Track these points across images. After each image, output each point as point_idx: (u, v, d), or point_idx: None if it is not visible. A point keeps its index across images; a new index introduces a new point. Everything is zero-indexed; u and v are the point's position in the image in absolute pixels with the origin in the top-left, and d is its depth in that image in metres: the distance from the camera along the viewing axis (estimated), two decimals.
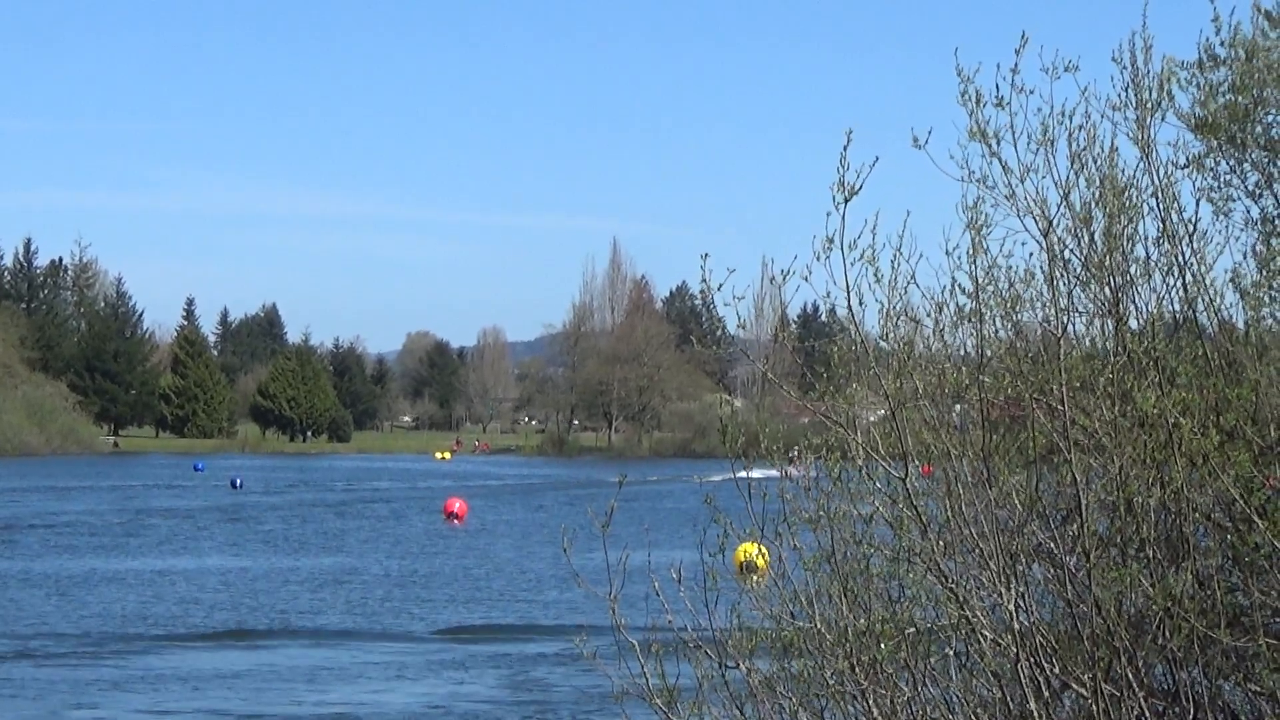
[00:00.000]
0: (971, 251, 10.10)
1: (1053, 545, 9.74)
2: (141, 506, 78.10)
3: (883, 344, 10.17)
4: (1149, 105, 10.21)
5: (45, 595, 41.90)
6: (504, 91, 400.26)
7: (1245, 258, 10.87)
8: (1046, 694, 9.41)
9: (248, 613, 39.43)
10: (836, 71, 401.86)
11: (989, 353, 10.29)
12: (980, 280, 10.19)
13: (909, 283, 9.96)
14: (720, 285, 9.89)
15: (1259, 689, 9.44)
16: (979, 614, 9.44)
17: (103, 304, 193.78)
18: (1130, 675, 9.22)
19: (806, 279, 9.66)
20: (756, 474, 10.50)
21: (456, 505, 72.57)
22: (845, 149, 9.42)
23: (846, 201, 9.45)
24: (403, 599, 42.49)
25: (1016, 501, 9.77)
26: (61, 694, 28.05)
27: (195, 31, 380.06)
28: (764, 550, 10.48)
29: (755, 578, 10.68)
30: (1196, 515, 9.53)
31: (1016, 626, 9.28)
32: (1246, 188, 11.18)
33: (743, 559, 31.05)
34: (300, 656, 32.73)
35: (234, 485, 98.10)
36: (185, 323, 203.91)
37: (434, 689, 28.86)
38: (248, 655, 32.75)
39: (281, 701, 27.64)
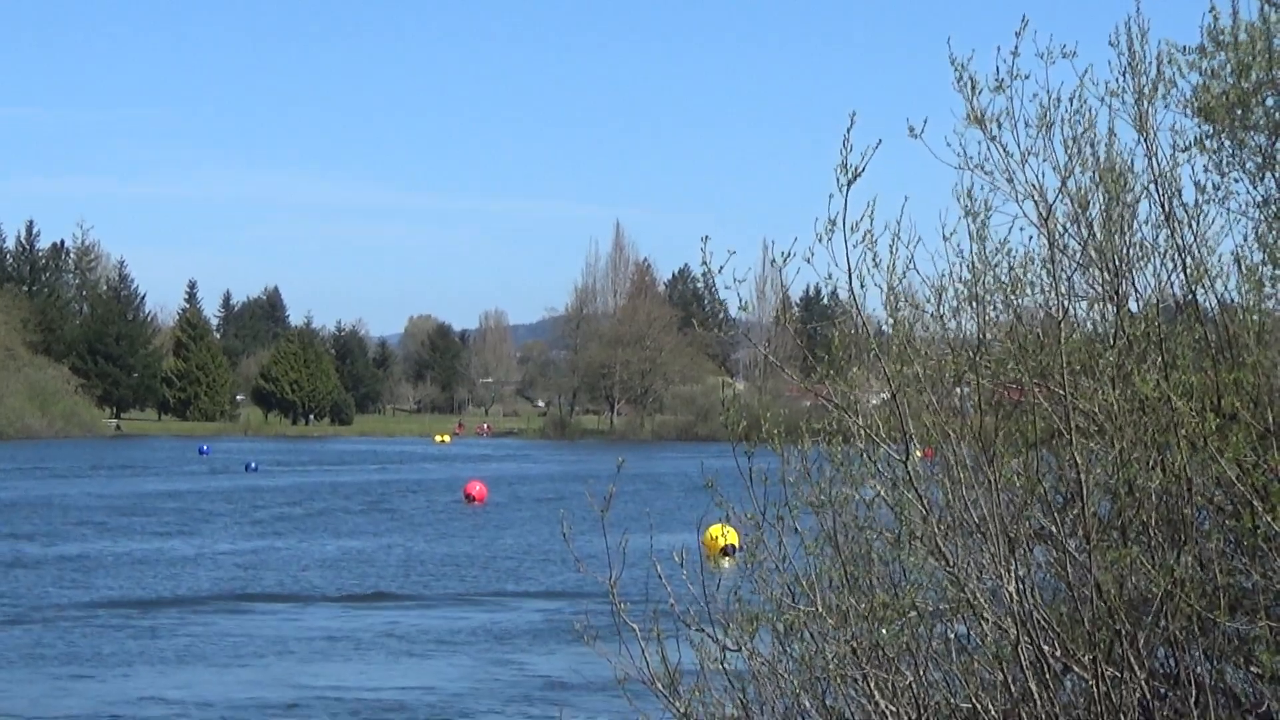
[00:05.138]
0: (971, 237, 10.12)
1: (1053, 528, 9.76)
2: (157, 489, 78.25)
3: (884, 327, 10.19)
4: (1146, 89, 10.21)
5: (72, 574, 42.28)
6: (506, 77, 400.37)
7: (1246, 240, 10.89)
8: (1047, 676, 9.43)
9: (277, 584, 40.47)
10: (836, 57, 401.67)
11: (989, 336, 10.31)
12: (980, 265, 10.21)
13: (908, 267, 9.98)
14: (721, 268, 9.91)
15: (1260, 671, 9.46)
16: (980, 597, 9.46)
17: (105, 287, 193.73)
18: (1131, 658, 9.24)
19: (809, 261, 9.67)
20: None
21: (476, 488, 73.24)
22: (849, 131, 9.44)
23: (850, 183, 9.45)
24: (430, 575, 43.52)
25: (1017, 485, 9.79)
26: (84, 660, 28.24)
27: (196, 17, 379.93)
28: (730, 531, 10.55)
29: (729, 561, 10.74)
30: (1197, 498, 9.54)
31: (1017, 609, 9.30)
32: (1247, 170, 11.18)
33: (720, 542, 30.79)
34: (325, 630, 33.11)
35: (248, 468, 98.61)
36: (187, 306, 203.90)
37: (432, 667, 28.98)
38: (268, 627, 33.10)
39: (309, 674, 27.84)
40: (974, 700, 9.64)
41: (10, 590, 39.51)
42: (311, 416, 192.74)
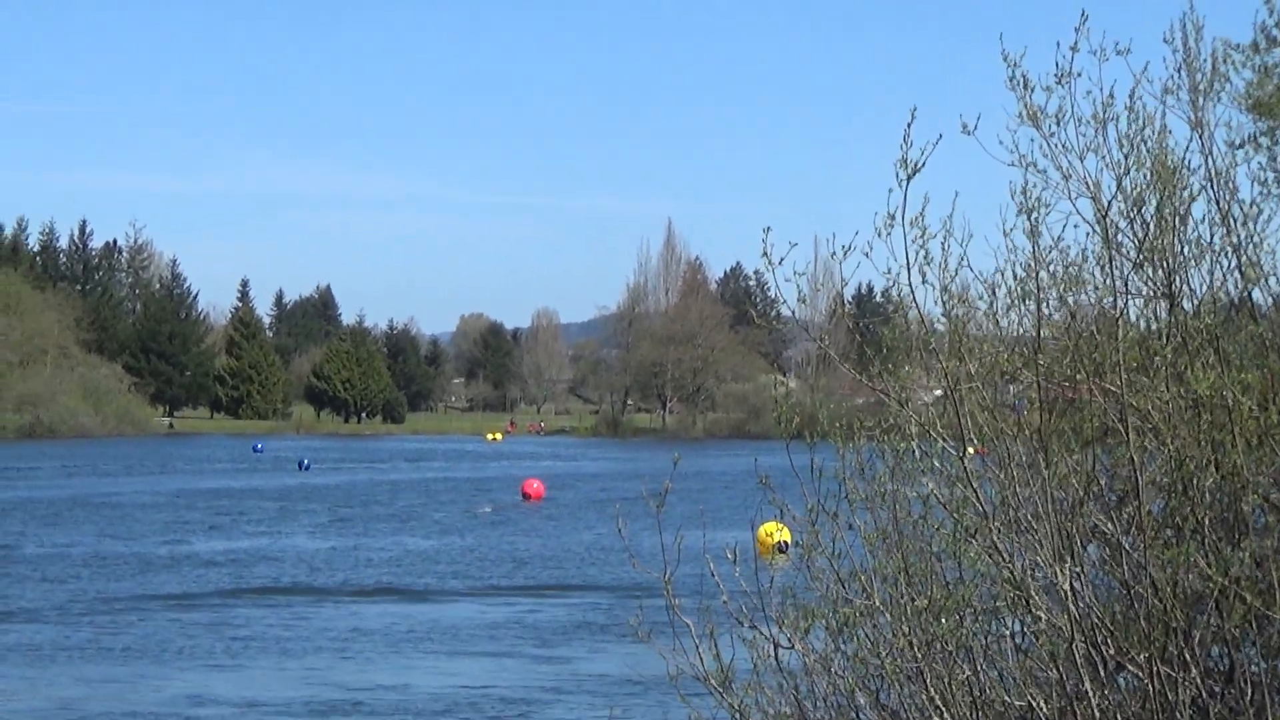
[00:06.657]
0: (1026, 234, 10.12)
1: (1109, 526, 9.76)
2: (213, 487, 78.64)
3: (939, 325, 10.20)
4: (1202, 86, 10.21)
5: (132, 570, 42.54)
6: (558, 72, 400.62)
7: None
8: (1102, 674, 9.44)
9: (334, 581, 40.56)
10: (892, 50, 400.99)
11: (1045, 334, 10.31)
12: (1035, 262, 10.21)
13: (961, 263, 9.99)
14: (782, 259, 9.97)
15: None
16: (1035, 594, 9.47)
17: (158, 285, 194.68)
18: (1186, 655, 9.24)
19: (868, 255, 9.72)
20: None
21: (534, 485, 73.47)
22: (910, 126, 9.47)
23: (910, 178, 9.49)
24: (488, 571, 43.99)
25: (1073, 482, 9.79)
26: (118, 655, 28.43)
27: (250, 10, 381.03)
28: (784, 529, 10.54)
29: (783, 558, 10.76)
30: (1253, 495, 9.53)
31: (1072, 607, 9.30)
32: None
33: (774, 539, 30.84)
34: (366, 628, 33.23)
35: (301, 466, 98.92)
36: (240, 304, 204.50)
37: (487, 663, 29.08)
38: (326, 623, 33.25)
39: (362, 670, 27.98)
40: (1028, 698, 9.65)
41: (75, 586, 39.85)
42: (364, 415, 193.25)
